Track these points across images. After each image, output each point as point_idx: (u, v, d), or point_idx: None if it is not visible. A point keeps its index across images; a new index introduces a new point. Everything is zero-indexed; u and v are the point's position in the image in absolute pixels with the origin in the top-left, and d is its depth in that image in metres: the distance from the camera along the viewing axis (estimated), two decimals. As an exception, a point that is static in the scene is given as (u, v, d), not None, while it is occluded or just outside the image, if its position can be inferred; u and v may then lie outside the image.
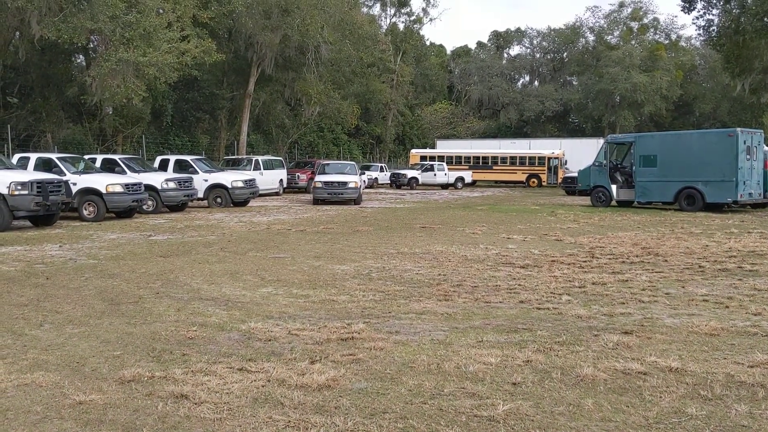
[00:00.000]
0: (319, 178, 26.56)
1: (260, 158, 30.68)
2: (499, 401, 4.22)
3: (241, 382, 4.65)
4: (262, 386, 4.57)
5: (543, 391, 4.45)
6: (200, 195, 23.39)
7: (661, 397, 4.28)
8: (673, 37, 62.90)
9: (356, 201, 26.47)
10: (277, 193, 31.63)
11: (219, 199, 23.78)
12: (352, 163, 31.17)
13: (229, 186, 23.65)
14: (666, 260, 10.80)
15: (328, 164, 28.83)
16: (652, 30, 62.27)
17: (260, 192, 27.11)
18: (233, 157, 33.75)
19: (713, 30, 36.17)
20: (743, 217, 20.01)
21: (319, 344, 5.66)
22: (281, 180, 32.31)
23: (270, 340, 5.81)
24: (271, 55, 35.34)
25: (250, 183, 24.57)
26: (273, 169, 31.32)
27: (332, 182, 26.09)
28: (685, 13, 37.99)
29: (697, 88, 62.04)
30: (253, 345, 5.69)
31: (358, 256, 11.30)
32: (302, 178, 34.60)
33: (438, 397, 4.35)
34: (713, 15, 35.94)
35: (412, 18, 63.93)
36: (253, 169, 28.89)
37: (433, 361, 5.15)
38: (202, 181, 23.55)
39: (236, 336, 6.00)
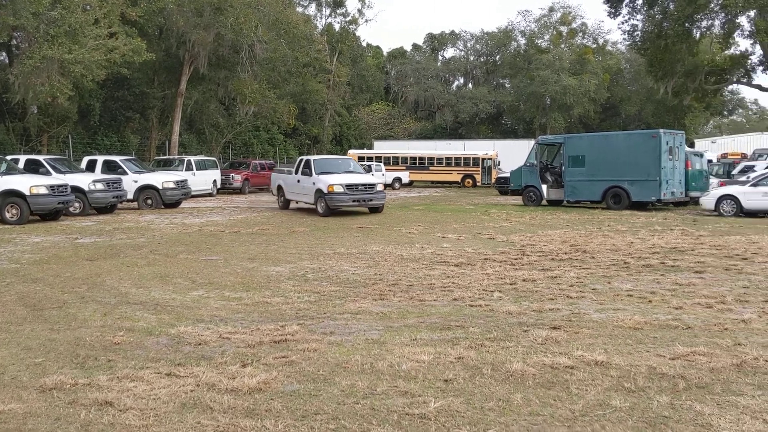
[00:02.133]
0: (333, 180, 19.49)
1: (193, 158, 30.05)
2: (431, 398, 4.25)
3: (169, 388, 4.54)
4: (191, 391, 4.47)
5: (474, 387, 4.51)
6: (130, 196, 22.73)
7: (587, 390, 4.40)
8: (601, 41, 64.83)
9: (381, 208, 20.92)
10: (210, 194, 31.04)
11: (149, 201, 23.17)
12: (349, 158, 25.37)
13: (160, 187, 23.07)
14: (593, 257, 11.13)
15: (318, 160, 21.53)
16: (580, 34, 64.01)
17: (193, 193, 26.54)
18: (164, 157, 32.94)
19: (637, 35, 37.49)
20: (666, 214, 20.81)
21: (251, 347, 5.58)
22: (215, 181, 31.72)
23: (200, 344, 5.70)
24: (204, 53, 34.65)
25: (181, 184, 24.03)
26: (206, 169, 30.71)
27: (356, 185, 19.74)
28: (611, 18, 39.24)
29: (623, 91, 64.14)
30: (182, 349, 5.57)
31: (293, 258, 11.21)
32: (237, 178, 34.06)
33: (371, 396, 4.36)
34: (637, 20, 37.29)
35: (348, 18, 63.88)
36: (186, 170, 28.26)
37: (366, 360, 5.15)
38: (131, 182, 22.88)
39: (165, 340, 5.86)
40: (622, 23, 40.35)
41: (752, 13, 32.55)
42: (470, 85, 73.92)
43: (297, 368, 4.97)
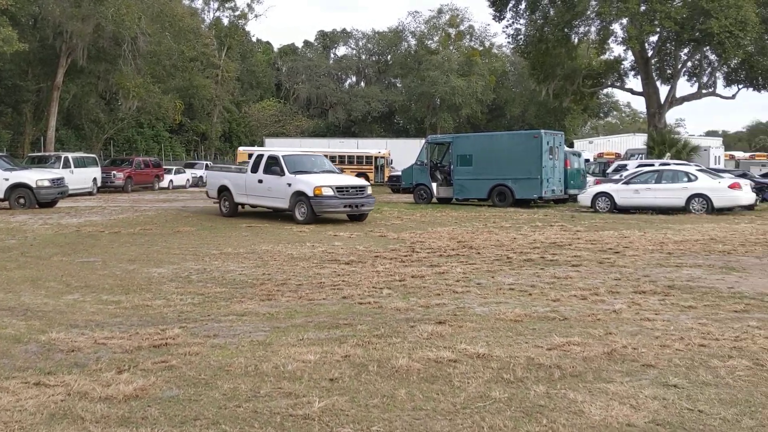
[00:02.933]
0: (320, 181, 16.84)
1: (70, 155, 28.38)
2: (315, 398, 4.21)
3: (37, 398, 4.24)
4: (61, 401, 4.20)
5: (359, 384, 4.50)
6: (0, 195, 21.20)
7: (468, 382, 4.50)
8: (487, 44, 67.10)
9: (366, 216, 18.08)
10: (90, 193, 29.44)
11: (22, 200, 21.67)
12: (320, 155, 21.49)
13: (34, 185, 21.63)
14: (479, 252, 11.47)
15: (289, 156, 18.40)
16: (468, 37, 65.97)
17: (70, 192, 25.07)
18: (39, 154, 30.93)
19: (521, 38, 39.02)
20: (547, 211, 21.80)
21: (128, 352, 5.32)
22: (95, 179, 30.11)
23: (73, 351, 5.37)
24: (83, 45, 32.81)
25: (57, 182, 22.64)
26: (85, 167, 29.09)
27: (347, 187, 17.18)
28: (497, 21, 40.67)
29: (508, 93, 66.66)
30: (53, 357, 5.23)
31: (177, 258, 10.83)
32: (119, 176, 32.50)
33: (253, 399, 4.26)
34: (521, 24, 38.81)
35: (237, 13, 62.51)
36: (63, 167, 26.64)
37: (250, 362, 5.04)
38: (2, 180, 21.33)
39: (34, 348, 5.48)
40: (507, 27, 41.96)
41: (624, 21, 34.66)
42: (362, 84, 74.39)
43: (177, 373, 4.78)
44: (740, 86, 37.99)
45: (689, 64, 38.94)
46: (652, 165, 25.39)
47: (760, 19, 32.53)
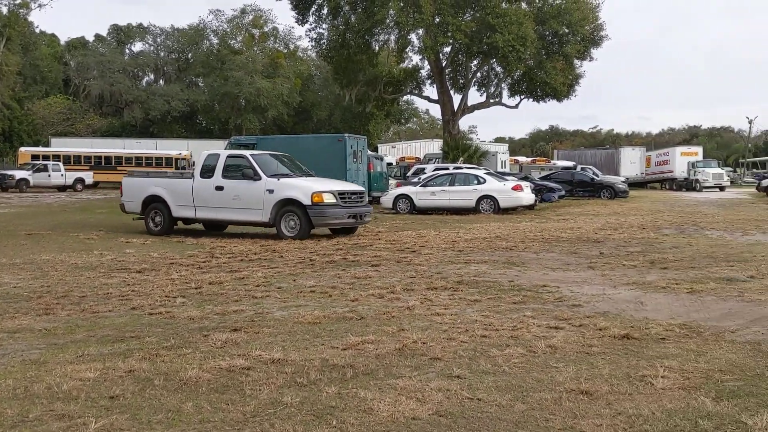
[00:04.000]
0: (319, 186, 14.26)
1: None
2: (92, 419, 3.86)
3: None
4: None
5: (143, 400, 4.22)
6: None
7: (260, 390, 4.40)
8: (292, 46, 67.24)
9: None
10: None
11: None
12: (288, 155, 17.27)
13: None
14: (281, 256, 11.39)
15: (260, 156, 15.36)
16: (272, 38, 65.61)
17: None
18: None
19: (324, 43, 39.61)
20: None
21: None
22: None
23: None
24: None
25: None
26: None
27: (348, 193, 14.76)
28: (300, 25, 40.92)
29: (314, 96, 67.32)
30: None
31: (-64, 272, 9.51)
32: None
33: (20, 424, 3.82)
34: (323, 29, 39.39)
35: (18, 2, 56.70)
36: None
37: (20, 384, 4.52)
38: None
39: None
40: (310, 31, 42.33)
41: (421, 32, 36.55)
42: (161, 82, 71.10)
43: (-75, 405, 4.15)
44: (522, 97, 41.72)
45: (479, 74, 42.06)
46: (447, 168, 27.01)
47: (538, 35, 35.96)
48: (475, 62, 40.63)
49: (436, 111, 52.34)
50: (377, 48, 39.29)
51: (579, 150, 63.41)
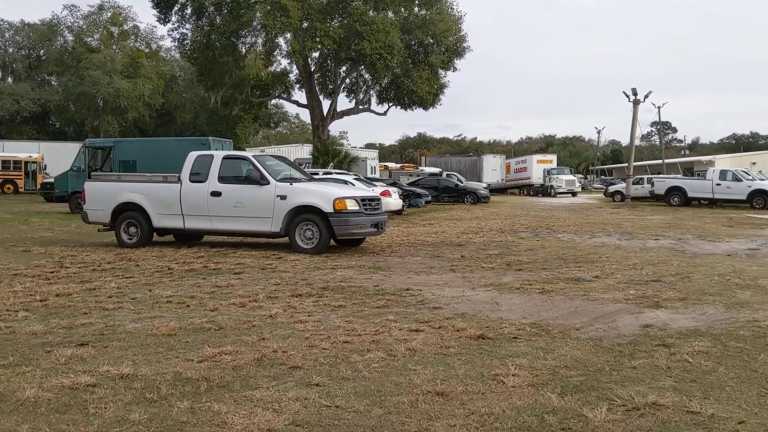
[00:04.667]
0: (340, 192, 12.98)
1: None
2: None
3: None
4: None
5: (-31, 428, 3.83)
6: None
7: (106, 408, 4.13)
8: (154, 46, 64.41)
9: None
10: None
11: None
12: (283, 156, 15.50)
13: None
14: (137, 264, 10.84)
15: (264, 158, 14.25)
16: (133, 37, 62.50)
17: None
18: None
19: (187, 43, 38.33)
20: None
21: None
22: None
23: None
24: None
25: None
26: None
27: (369, 200, 13.37)
28: (162, 24, 39.38)
29: (178, 98, 64.85)
30: None
31: None
32: None
33: None
34: (187, 29, 38.11)
35: None
36: None
37: None
38: None
39: None
40: (172, 30, 40.77)
41: (289, 36, 36.24)
42: (10, 80, 65.92)
43: None
44: (390, 104, 42.45)
45: (348, 81, 42.36)
46: (317, 174, 26.91)
47: (404, 44, 36.78)
48: (344, 68, 40.89)
49: (306, 116, 52.09)
50: (244, 50, 38.53)
51: (445, 157, 65.70)
